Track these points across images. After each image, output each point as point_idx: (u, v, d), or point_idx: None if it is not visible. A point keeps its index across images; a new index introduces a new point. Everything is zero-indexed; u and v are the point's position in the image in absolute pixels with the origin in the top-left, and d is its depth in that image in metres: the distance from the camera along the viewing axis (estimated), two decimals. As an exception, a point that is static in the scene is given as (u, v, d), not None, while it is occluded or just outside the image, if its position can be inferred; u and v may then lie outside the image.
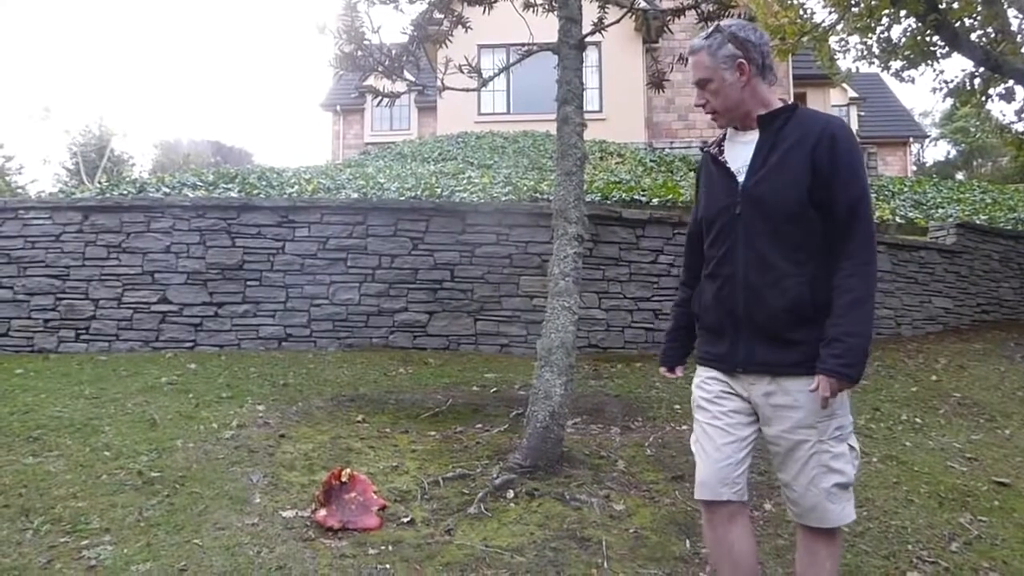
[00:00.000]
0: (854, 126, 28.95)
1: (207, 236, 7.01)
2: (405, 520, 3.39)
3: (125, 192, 8.38)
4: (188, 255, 7.00)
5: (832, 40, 9.88)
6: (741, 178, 2.29)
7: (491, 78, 4.28)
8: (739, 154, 2.34)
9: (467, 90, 4.38)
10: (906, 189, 15.31)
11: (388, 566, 2.98)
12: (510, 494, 3.71)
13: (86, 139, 35.79)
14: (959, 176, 36.87)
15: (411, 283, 7.08)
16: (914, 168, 31.02)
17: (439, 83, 4.25)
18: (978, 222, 10.47)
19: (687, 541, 3.35)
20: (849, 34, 9.23)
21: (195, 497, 3.50)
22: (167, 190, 8.69)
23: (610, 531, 3.39)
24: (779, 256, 2.20)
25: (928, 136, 39.80)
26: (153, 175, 11.87)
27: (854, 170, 2.17)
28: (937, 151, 47.08)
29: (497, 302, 7.10)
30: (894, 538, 3.54)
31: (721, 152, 2.41)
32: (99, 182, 18.84)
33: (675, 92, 19.22)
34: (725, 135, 2.44)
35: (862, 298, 2.11)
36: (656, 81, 5.11)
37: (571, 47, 4.38)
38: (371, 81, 5.40)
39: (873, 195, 13.70)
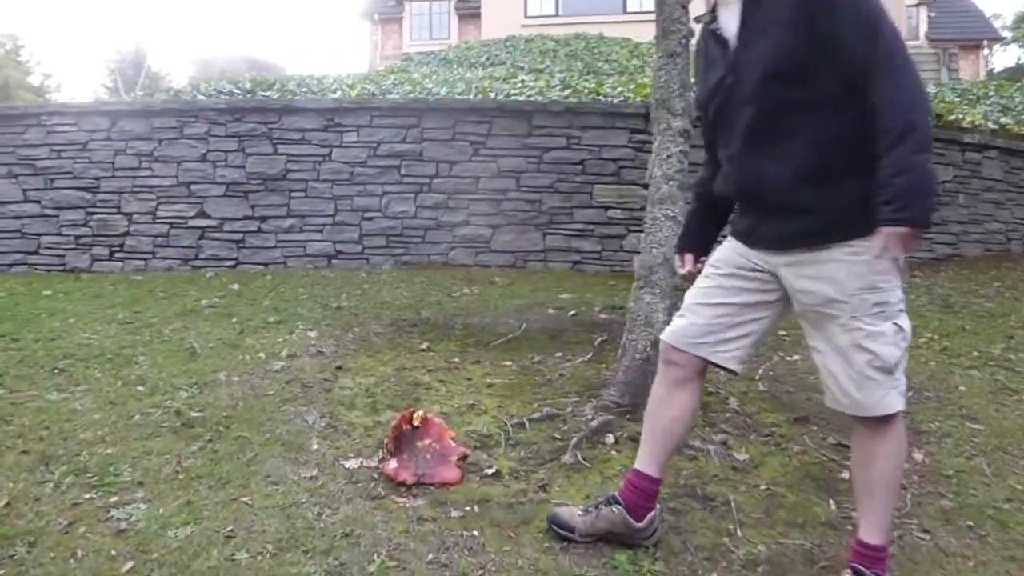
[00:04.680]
0: (923, 28, 27.09)
1: (246, 142, 6.49)
2: (489, 472, 2.88)
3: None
4: (226, 164, 6.51)
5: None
6: (733, 44, 2.09)
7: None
8: (731, 19, 2.12)
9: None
10: (991, 93, 14.09)
11: (476, 533, 2.45)
12: (609, 439, 3.18)
13: (123, 56, 35.52)
14: (1032, 83, 34.63)
15: (472, 193, 6.55)
16: (984, 76, 29.06)
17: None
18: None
19: (831, 501, 2.78)
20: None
21: (242, 443, 3.02)
22: (203, 97, 8.10)
23: (736, 488, 2.84)
24: (779, 120, 2.01)
25: (1003, 39, 37.30)
26: (189, 86, 11.33)
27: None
28: (1007, 56, 44.28)
29: (568, 214, 6.55)
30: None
31: (715, 20, 2.18)
32: (136, 96, 18.38)
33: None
34: (716, 2, 2.20)
35: (903, 133, 1.83)
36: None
37: (676, -102, 3.58)
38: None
39: (957, 98, 12.64)
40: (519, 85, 9.57)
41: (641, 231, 3.72)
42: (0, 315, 4.73)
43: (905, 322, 2.03)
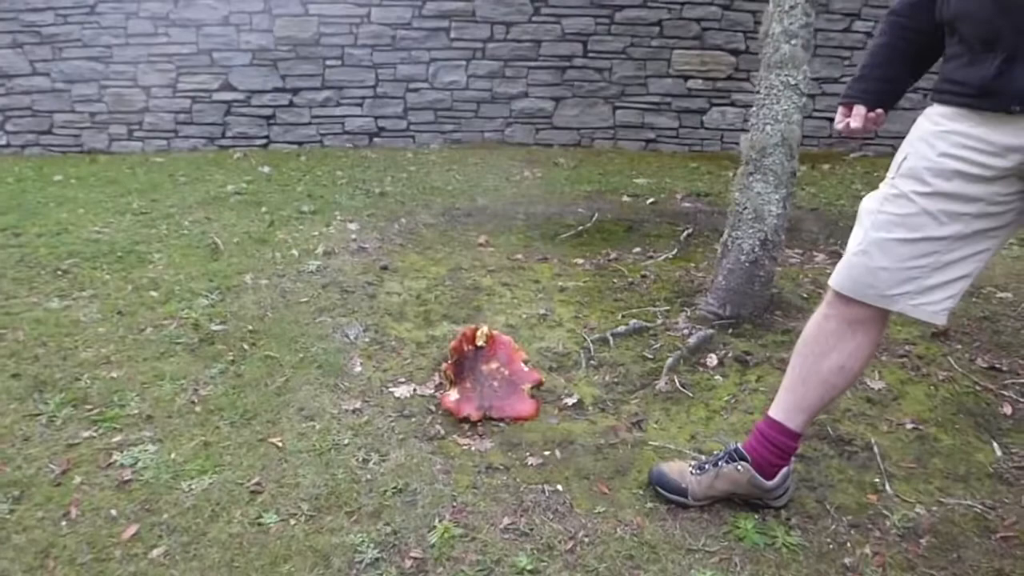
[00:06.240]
0: None
1: (273, 2, 5.93)
2: (570, 402, 2.46)
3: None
4: (252, 27, 5.98)
5: None
6: None
7: None
8: None
9: None
10: None
11: (560, 487, 2.03)
12: (711, 360, 2.75)
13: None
14: None
15: (532, 60, 6.07)
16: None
17: None
18: None
19: (994, 444, 2.30)
20: None
21: (270, 364, 2.62)
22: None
23: (876, 427, 2.37)
24: None
25: None
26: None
27: None
28: None
29: (642, 84, 6.05)
30: None
31: None
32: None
33: None
34: None
35: None
36: None
37: None
38: None
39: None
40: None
41: (726, 104, 3.24)
42: (4, 205, 4.37)
43: None
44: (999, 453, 2.25)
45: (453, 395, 2.36)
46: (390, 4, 5.93)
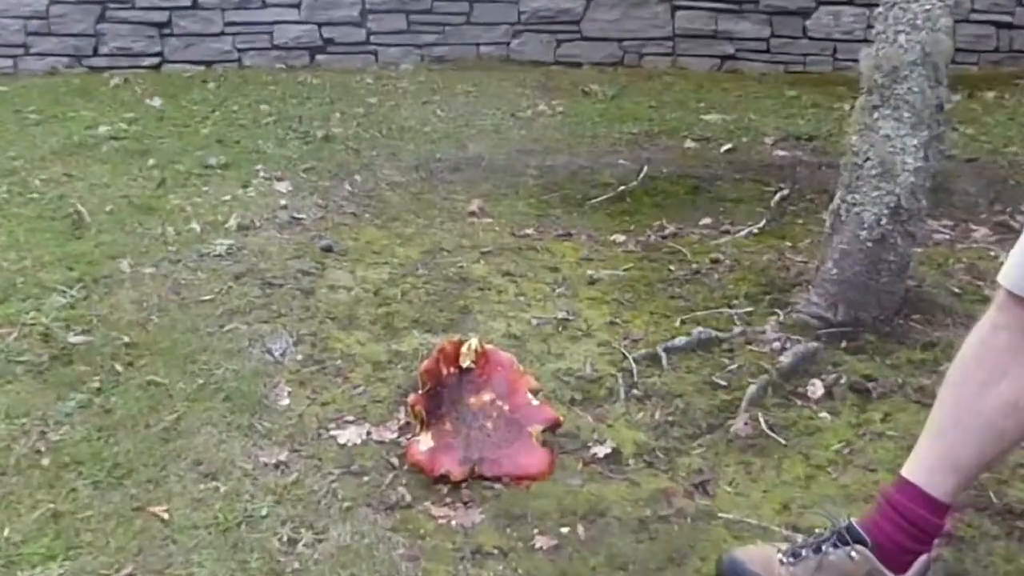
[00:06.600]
0: None
1: None
2: (600, 452, 2.55)
3: None
4: None
5: None
6: None
7: None
8: None
9: None
10: None
11: (583, 585, 2.10)
12: (815, 388, 2.89)
13: None
14: None
15: None
16: None
17: None
18: None
19: None
20: None
21: (155, 395, 2.72)
22: None
23: (1067, 493, 2.46)
24: None
25: None
26: None
27: None
28: None
29: None
30: None
31: None
32: None
33: None
34: None
35: None
36: None
37: None
38: None
39: None
40: None
41: (840, 3, 3.24)
42: None
43: None
44: None
45: (425, 442, 2.43)
46: None
